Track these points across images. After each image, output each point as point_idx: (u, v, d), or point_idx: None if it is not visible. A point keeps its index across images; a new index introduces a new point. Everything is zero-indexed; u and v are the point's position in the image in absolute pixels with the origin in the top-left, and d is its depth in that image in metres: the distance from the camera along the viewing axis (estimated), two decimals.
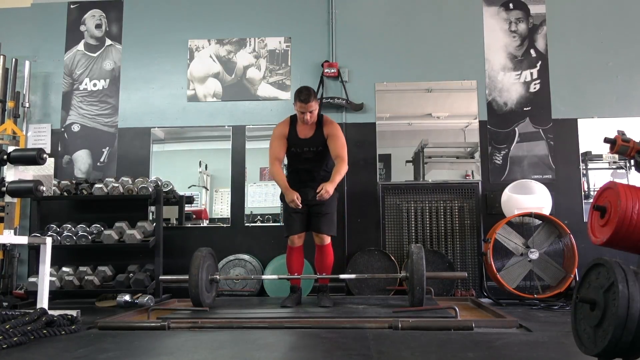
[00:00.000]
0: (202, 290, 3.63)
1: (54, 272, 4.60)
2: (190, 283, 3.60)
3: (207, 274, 3.76)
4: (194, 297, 3.61)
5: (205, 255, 3.74)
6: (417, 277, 3.45)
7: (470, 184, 4.92)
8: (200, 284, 3.60)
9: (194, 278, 3.59)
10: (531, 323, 3.20)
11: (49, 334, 2.88)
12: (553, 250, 4.38)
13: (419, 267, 3.45)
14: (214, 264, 3.94)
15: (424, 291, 3.44)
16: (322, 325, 3.09)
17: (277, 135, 3.90)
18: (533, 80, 5.02)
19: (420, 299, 3.46)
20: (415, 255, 3.51)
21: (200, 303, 3.61)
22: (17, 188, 3.39)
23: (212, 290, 3.86)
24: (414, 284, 3.47)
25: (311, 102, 3.73)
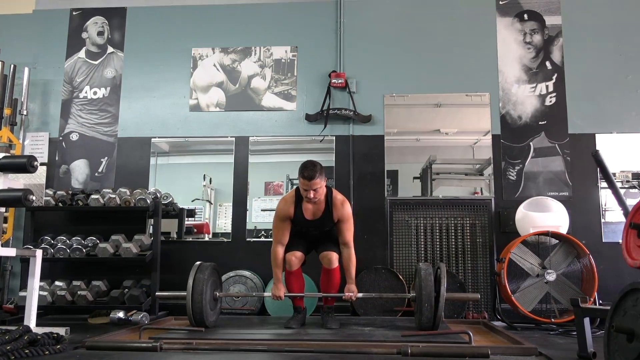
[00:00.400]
0: (206, 308, 3.42)
1: (46, 286, 4.41)
2: (194, 300, 3.38)
3: (211, 291, 3.55)
4: (198, 316, 3.40)
5: (209, 269, 3.53)
6: (425, 293, 3.25)
7: (482, 200, 4.71)
8: (204, 302, 3.39)
9: (198, 296, 3.38)
10: (551, 350, 2.96)
11: (31, 354, 2.67)
12: (571, 271, 4.15)
13: (427, 284, 3.25)
14: (218, 280, 3.73)
15: (434, 311, 3.23)
16: (326, 349, 2.87)
17: (281, 216, 3.57)
18: (549, 93, 4.83)
19: (430, 318, 3.25)
20: (424, 272, 3.32)
21: (204, 323, 3.41)
22: (5, 197, 3.21)
23: (215, 308, 3.65)
24: (422, 301, 3.26)
25: (316, 179, 3.35)
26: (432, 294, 3.25)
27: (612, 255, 4.36)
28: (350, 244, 3.56)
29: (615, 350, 1.81)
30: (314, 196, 3.40)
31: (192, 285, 3.42)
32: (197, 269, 3.51)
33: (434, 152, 4.90)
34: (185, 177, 5.27)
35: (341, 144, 4.91)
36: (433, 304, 3.25)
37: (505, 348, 2.93)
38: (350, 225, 3.57)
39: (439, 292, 3.28)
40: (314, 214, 3.57)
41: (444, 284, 3.29)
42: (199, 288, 3.40)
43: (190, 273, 3.49)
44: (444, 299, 3.26)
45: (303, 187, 3.40)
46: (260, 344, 2.96)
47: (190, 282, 3.43)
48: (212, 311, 3.58)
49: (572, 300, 2.77)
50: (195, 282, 3.43)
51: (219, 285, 3.75)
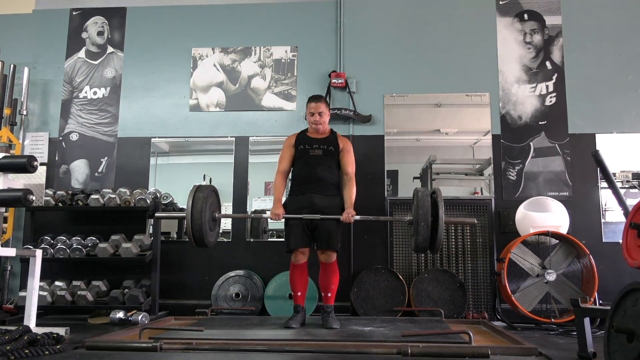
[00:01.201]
0: (205, 227, 3.39)
1: (46, 286, 4.41)
2: (193, 219, 3.35)
3: (210, 211, 3.53)
4: (197, 234, 3.37)
5: (208, 189, 3.51)
6: (422, 213, 3.26)
7: (482, 200, 4.71)
8: (203, 220, 3.37)
9: (198, 214, 3.35)
10: (551, 350, 2.96)
11: (31, 354, 2.67)
12: (571, 271, 4.15)
13: (424, 204, 3.27)
14: (217, 202, 3.70)
15: (431, 230, 3.25)
16: (326, 349, 2.86)
17: (287, 144, 3.88)
18: (549, 93, 4.83)
19: (426, 238, 3.27)
20: (421, 193, 3.36)
21: (205, 243, 3.40)
22: (5, 197, 3.21)
23: (215, 229, 3.63)
24: (419, 221, 3.27)
25: (322, 102, 3.79)
26: (428, 214, 3.25)
27: (612, 255, 4.36)
28: (352, 175, 3.75)
29: (615, 350, 1.81)
30: (319, 119, 3.76)
31: (191, 204, 3.37)
32: (196, 188, 3.47)
33: (434, 152, 4.89)
34: (185, 177, 5.25)
35: None
36: (430, 223, 3.25)
37: (505, 348, 2.92)
38: (352, 158, 3.82)
39: (436, 216, 3.27)
40: (318, 135, 3.83)
41: (441, 206, 3.26)
42: (198, 206, 3.36)
43: (189, 193, 3.44)
44: (442, 221, 3.25)
45: (311, 110, 3.78)
46: (260, 344, 2.95)
47: (189, 202, 3.38)
48: (212, 231, 3.56)
49: (572, 300, 2.76)
50: (195, 200, 3.38)
51: (218, 207, 3.71)
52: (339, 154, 3.79)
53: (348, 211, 3.58)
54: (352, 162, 3.79)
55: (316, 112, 3.76)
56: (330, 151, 3.76)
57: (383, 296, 4.44)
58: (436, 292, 4.41)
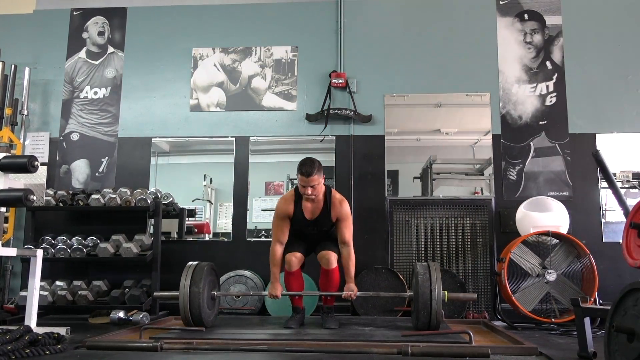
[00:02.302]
0: (203, 307, 3.41)
1: (47, 286, 4.41)
2: (191, 298, 3.38)
3: (209, 290, 3.55)
4: (195, 315, 3.39)
5: (206, 269, 3.52)
6: (422, 300, 3.24)
7: (483, 200, 4.71)
8: (202, 301, 3.38)
9: (196, 295, 3.37)
10: (552, 350, 2.96)
11: (32, 354, 2.67)
12: (571, 271, 4.15)
13: (425, 290, 3.23)
14: (216, 280, 3.72)
15: (431, 316, 3.22)
16: (326, 349, 2.86)
17: (280, 215, 3.60)
18: (549, 93, 4.83)
19: (425, 324, 3.25)
20: (421, 277, 3.29)
21: (202, 322, 3.40)
22: (5, 197, 3.21)
23: (213, 308, 3.65)
24: (419, 307, 3.26)
25: (313, 175, 3.38)
26: (428, 301, 3.23)
27: (612, 255, 4.37)
28: (350, 243, 3.57)
29: (615, 350, 1.81)
30: (312, 193, 3.43)
31: (188, 287, 3.40)
32: (193, 268, 3.49)
33: (434, 152, 4.89)
34: (185, 177, 5.27)
35: (341, 144, 4.91)
36: (429, 311, 3.23)
37: (505, 348, 2.92)
38: (349, 225, 3.58)
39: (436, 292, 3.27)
40: (312, 212, 3.59)
41: (436, 288, 3.25)
42: (197, 287, 3.39)
43: (184, 274, 3.47)
44: (439, 304, 3.24)
45: (301, 183, 3.42)
46: (260, 344, 2.95)
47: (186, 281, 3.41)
48: (210, 311, 3.58)
49: (572, 300, 2.77)
50: (193, 280, 3.41)
51: (217, 285, 3.74)
52: (334, 224, 3.62)
53: (349, 287, 3.51)
54: (348, 229, 3.58)
55: (308, 186, 3.41)
56: (325, 231, 3.67)
57: (383, 296, 4.43)
58: None
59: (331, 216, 3.57)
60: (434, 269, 3.36)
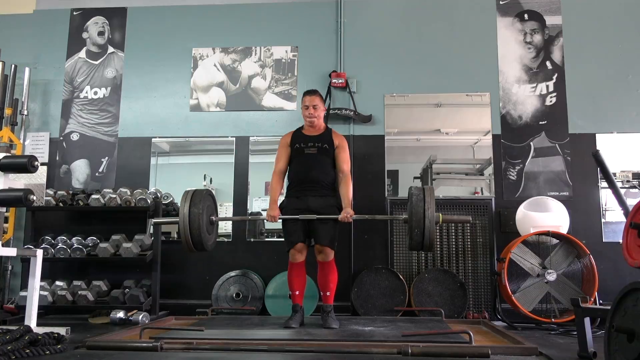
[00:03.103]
0: (203, 230, 3.38)
1: (47, 286, 4.41)
2: (191, 220, 3.34)
3: (208, 214, 3.52)
4: (195, 238, 3.36)
5: (205, 193, 3.51)
6: (416, 219, 3.23)
7: (482, 200, 4.71)
8: (201, 223, 3.35)
9: (196, 216, 3.33)
10: (552, 350, 2.96)
11: (32, 354, 2.67)
12: (571, 271, 4.15)
13: (418, 210, 3.23)
14: (214, 206, 3.70)
15: (424, 235, 3.22)
16: (326, 349, 2.87)
17: (282, 144, 3.86)
18: (549, 93, 4.83)
19: (419, 242, 3.25)
20: (415, 197, 3.28)
21: (203, 246, 3.40)
22: (5, 197, 3.21)
23: (212, 233, 3.62)
24: (412, 226, 3.25)
25: (316, 96, 3.78)
26: (421, 220, 3.22)
27: (612, 255, 4.37)
28: (348, 172, 3.74)
29: (615, 350, 1.81)
30: (314, 113, 3.74)
31: (188, 208, 3.36)
32: (192, 192, 3.46)
33: (435, 152, 4.89)
34: (185, 177, 5.27)
35: None
36: (422, 230, 3.23)
37: (505, 348, 2.92)
38: (347, 156, 3.80)
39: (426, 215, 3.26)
40: (313, 132, 3.81)
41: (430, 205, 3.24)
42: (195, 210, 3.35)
43: (183, 197, 3.44)
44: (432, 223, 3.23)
45: (305, 103, 3.77)
46: (261, 344, 2.95)
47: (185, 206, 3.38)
48: (210, 235, 3.56)
49: (572, 300, 2.77)
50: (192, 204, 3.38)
51: (215, 210, 3.70)
52: (334, 151, 3.77)
53: (346, 210, 3.57)
54: (347, 160, 3.78)
55: (310, 105, 3.74)
56: (325, 149, 3.75)
57: (383, 296, 4.44)
58: (436, 292, 4.41)
59: (332, 139, 3.78)
60: (428, 191, 3.34)
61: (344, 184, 3.69)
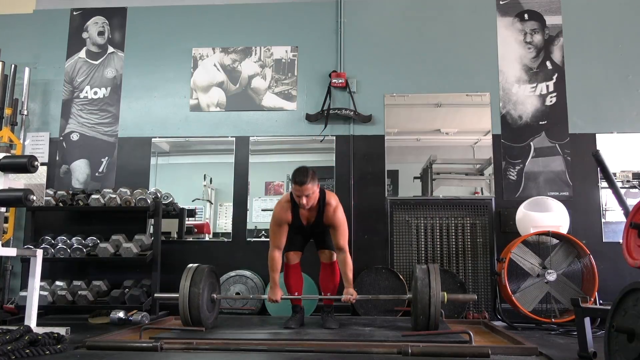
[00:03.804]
0: (203, 309, 3.41)
1: (47, 286, 4.41)
2: (191, 299, 3.37)
3: (209, 293, 3.54)
4: (194, 316, 3.38)
5: (206, 271, 3.51)
6: (421, 305, 3.20)
7: (483, 200, 4.71)
8: (201, 303, 3.38)
9: (195, 296, 3.36)
10: (551, 350, 2.96)
11: (32, 354, 2.67)
12: (571, 271, 4.15)
13: (424, 296, 3.20)
14: (216, 283, 3.72)
15: (429, 320, 3.20)
16: (326, 349, 2.87)
17: (278, 221, 3.56)
18: (549, 93, 4.83)
19: (424, 327, 3.22)
20: (420, 282, 3.25)
21: (201, 324, 3.39)
22: (5, 197, 3.21)
23: (213, 310, 3.64)
24: (417, 312, 3.23)
25: (307, 184, 3.34)
26: (427, 307, 3.19)
27: (612, 255, 4.37)
28: (345, 249, 3.52)
29: (615, 350, 1.81)
30: (307, 202, 3.38)
31: (188, 288, 3.39)
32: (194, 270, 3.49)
33: (434, 152, 4.89)
34: (185, 177, 5.27)
35: (341, 144, 4.91)
36: (428, 315, 3.20)
37: (505, 348, 2.92)
38: (344, 231, 3.53)
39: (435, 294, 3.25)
40: (308, 219, 3.57)
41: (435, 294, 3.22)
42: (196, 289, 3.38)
43: (184, 275, 3.47)
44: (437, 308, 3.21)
45: (296, 192, 3.39)
46: (260, 344, 2.95)
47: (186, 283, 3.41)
48: (210, 313, 3.57)
49: (572, 300, 2.77)
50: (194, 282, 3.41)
51: (217, 287, 3.74)
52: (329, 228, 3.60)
53: (348, 291, 3.51)
54: (343, 236, 3.53)
55: (303, 195, 3.36)
56: (320, 231, 3.65)
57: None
58: None
59: (324, 217, 3.53)
60: (433, 272, 3.32)
61: (342, 261, 3.53)
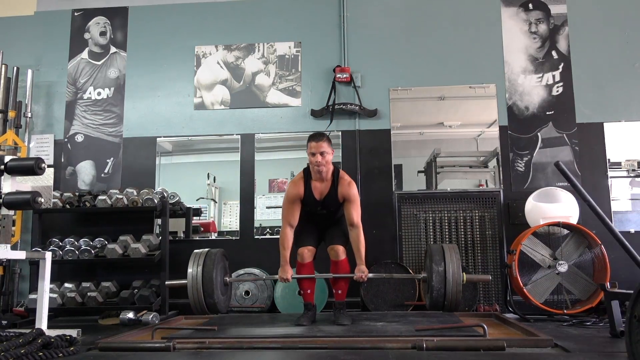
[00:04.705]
0: (217, 295, 3.36)
1: (56, 288, 4.40)
2: (205, 285, 3.33)
3: (222, 276, 3.51)
4: (209, 303, 3.34)
5: (218, 254, 3.49)
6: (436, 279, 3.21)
7: (490, 192, 4.68)
8: (215, 287, 3.33)
9: (210, 281, 3.31)
10: (566, 342, 2.93)
11: (45, 357, 2.65)
12: (582, 261, 4.12)
13: (439, 268, 3.22)
14: (227, 267, 3.70)
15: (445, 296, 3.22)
16: (340, 345, 2.84)
17: (291, 197, 3.55)
18: (555, 83, 4.80)
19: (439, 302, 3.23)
20: (437, 256, 3.29)
21: (216, 308, 3.37)
22: (13, 200, 3.19)
23: (226, 293, 3.61)
24: (433, 287, 3.24)
25: (323, 142, 3.43)
26: (442, 283, 3.21)
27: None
28: (359, 225, 3.51)
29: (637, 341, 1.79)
30: (321, 161, 3.41)
31: (201, 272, 3.36)
32: (205, 254, 3.47)
33: (438, 145, 4.86)
34: (189, 176, 5.25)
35: (347, 139, 4.89)
36: (443, 291, 3.22)
37: (520, 340, 2.90)
38: (357, 206, 3.53)
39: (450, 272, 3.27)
40: (321, 192, 3.56)
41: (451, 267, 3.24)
42: (209, 275, 3.35)
43: (193, 260, 3.46)
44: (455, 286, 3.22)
45: (311, 150, 3.44)
46: (274, 342, 2.93)
47: (197, 268, 3.39)
48: (224, 297, 3.55)
49: (600, 285, 2.79)
50: (206, 266, 3.38)
51: (228, 271, 3.71)
52: (342, 204, 3.58)
53: (360, 268, 3.47)
54: (356, 211, 3.53)
55: (317, 152, 3.41)
56: (333, 211, 3.65)
57: (393, 291, 4.42)
58: None
59: (338, 196, 3.53)
60: (448, 249, 3.34)
61: (355, 238, 3.51)
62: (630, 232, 4.51)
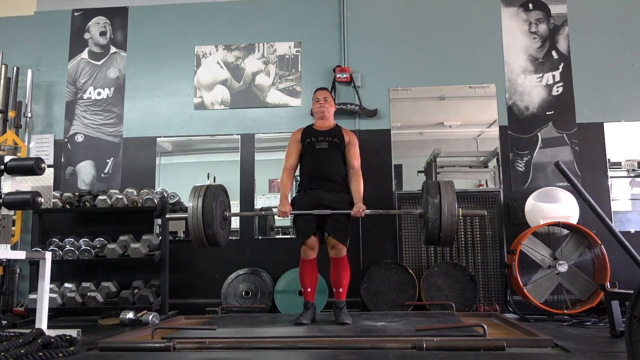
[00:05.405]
0: (217, 226, 3.35)
1: (56, 288, 4.40)
2: (205, 216, 3.31)
3: (221, 210, 3.51)
4: (209, 234, 3.34)
5: (217, 189, 3.48)
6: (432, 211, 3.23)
7: (490, 192, 4.68)
8: (215, 219, 3.32)
9: (210, 212, 3.30)
10: (566, 342, 2.93)
11: (45, 357, 2.65)
12: (582, 261, 4.12)
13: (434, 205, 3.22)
14: (227, 201, 3.69)
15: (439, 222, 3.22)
16: (340, 345, 2.84)
17: (293, 140, 3.92)
18: (555, 83, 4.79)
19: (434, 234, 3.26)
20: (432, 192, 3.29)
21: (217, 242, 3.37)
22: (13, 200, 3.19)
23: (226, 228, 3.61)
24: (428, 219, 3.25)
25: (327, 90, 4.00)
26: (437, 215, 3.22)
27: None
28: (359, 169, 3.79)
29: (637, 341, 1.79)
30: (324, 104, 3.87)
31: (201, 203, 3.35)
32: (206, 187, 3.46)
33: (438, 146, 4.86)
34: (189, 176, 5.23)
35: None
36: (440, 217, 3.23)
37: (520, 340, 2.90)
38: (358, 151, 3.85)
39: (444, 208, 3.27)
40: (324, 126, 3.89)
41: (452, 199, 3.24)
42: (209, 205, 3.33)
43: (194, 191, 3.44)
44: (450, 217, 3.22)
45: (316, 97, 3.93)
46: (274, 342, 2.93)
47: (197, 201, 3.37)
48: (223, 231, 3.54)
49: (600, 285, 2.79)
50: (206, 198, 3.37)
51: (228, 206, 3.70)
52: (344, 146, 3.82)
53: (358, 205, 3.58)
54: (357, 156, 3.83)
55: (321, 98, 3.89)
56: (335, 143, 3.79)
57: (393, 291, 4.42)
58: (447, 285, 4.39)
59: (342, 132, 3.85)
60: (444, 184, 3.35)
61: (355, 179, 3.74)
62: (630, 232, 4.51)
